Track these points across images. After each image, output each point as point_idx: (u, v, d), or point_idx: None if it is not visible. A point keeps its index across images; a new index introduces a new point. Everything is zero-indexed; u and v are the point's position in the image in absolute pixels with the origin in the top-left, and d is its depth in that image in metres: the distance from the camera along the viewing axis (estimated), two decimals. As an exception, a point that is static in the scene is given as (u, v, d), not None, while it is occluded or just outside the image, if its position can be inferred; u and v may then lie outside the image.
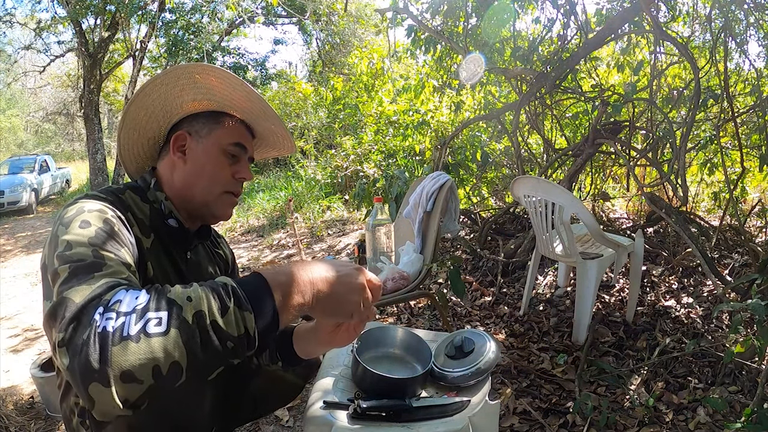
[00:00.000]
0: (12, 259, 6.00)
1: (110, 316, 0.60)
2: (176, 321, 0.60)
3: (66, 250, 0.73)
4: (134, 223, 0.89)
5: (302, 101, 8.67)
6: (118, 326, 0.59)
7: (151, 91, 0.95)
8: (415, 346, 1.20)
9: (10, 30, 12.20)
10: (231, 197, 1.01)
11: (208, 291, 0.65)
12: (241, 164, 1.02)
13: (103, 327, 0.59)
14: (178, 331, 0.60)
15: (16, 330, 3.34)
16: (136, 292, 0.64)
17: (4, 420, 2.10)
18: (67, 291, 0.65)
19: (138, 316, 0.60)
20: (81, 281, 0.67)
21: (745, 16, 3.06)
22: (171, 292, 0.64)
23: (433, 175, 2.28)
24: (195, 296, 0.63)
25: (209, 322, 0.62)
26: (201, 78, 0.94)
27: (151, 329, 0.59)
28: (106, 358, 0.57)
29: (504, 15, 3.30)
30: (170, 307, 0.62)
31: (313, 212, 5.95)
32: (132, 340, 0.58)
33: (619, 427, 1.75)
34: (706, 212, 4.24)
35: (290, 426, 1.93)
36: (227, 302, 0.64)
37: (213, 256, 1.13)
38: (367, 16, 10.66)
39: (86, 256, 0.72)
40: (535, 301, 2.82)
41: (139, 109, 0.97)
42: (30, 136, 22.65)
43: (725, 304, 1.75)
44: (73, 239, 0.74)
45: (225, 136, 0.99)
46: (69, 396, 0.90)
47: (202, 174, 0.98)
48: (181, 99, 0.97)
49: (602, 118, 3.15)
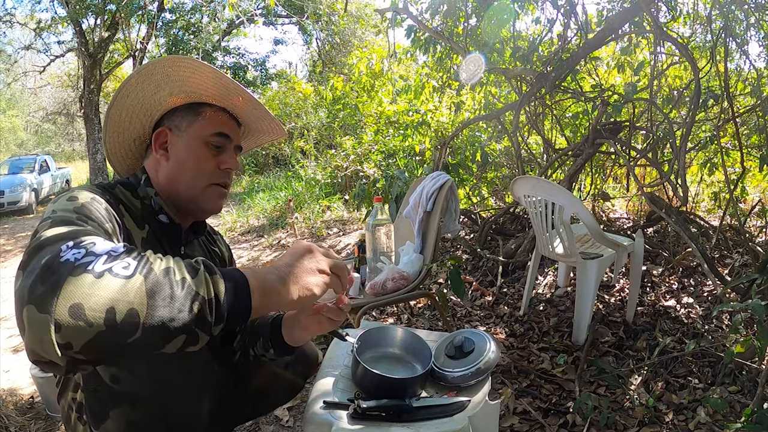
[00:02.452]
0: (12, 259, 6.00)
1: (78, 252, 0.57)
2: (144, 269, 0.58)
3: (50, 215, 0.72)
4: (125, 214, 0.88)
5: (302, 101, 8.68)
6: (82, 260, 0.55)
7: (128, 92, 0.94)
8: (415, 346, 1.20)
9: (10, 30, 12.19)
10: (218, 189, 0.99)
11: (179, 260, 0.63)
12: (226, 154, 0.99)
13: (65, 258, 0.55)
14: (144, 278, 0.57)
15: (16, 330, 3.34)
16: (112, 243, 0.61)
17: (4, 420, 2.10)
18: (43, 232, 0.63)
19: (107, 258, 0.57)
20: (58, 227, 0.64)
21: (745, 16, 3.05)
22: (145, 252, 0.62)
23: (433, 175, 2.28)
24: (166, 260, 0.62)
25: (179, 278, 0.59)
26: (173, 71, 0.92)
27: (117, 270, 0.56)
28: (56, 282, 0.53)
29: (504, 15, 3.29)
30: (141, 258, 0.60)
31: (313, 212, 5.95)
32: (92, 274, 0.54)
33: (619, 427, 1.75)
34: (706, 212, 4.24)
35: (290, 426, 1.93)
36: (198, 267, 0.63)
37: (208, 253, 1.12)
38: (367, 16, 10.66)
39: (69, 218, 0.70)
40: (535, 301, 2.82)
41: (120, 111, 0.97)
42: (30, 136, 22.66)
43: (725, 304, 1.75)
44: (58, 208, 0.73)
45: (205, 127, 0.97)
46: (66, 392, 0.90)
47: (184, 169, 0.96)
48: (158, 95, 0.96)
49: (602, 118, 3.15)
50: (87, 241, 0.59)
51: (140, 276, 0.56)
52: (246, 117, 1.06)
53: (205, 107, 0.98)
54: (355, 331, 1.18)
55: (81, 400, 0.88)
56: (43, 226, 0.67)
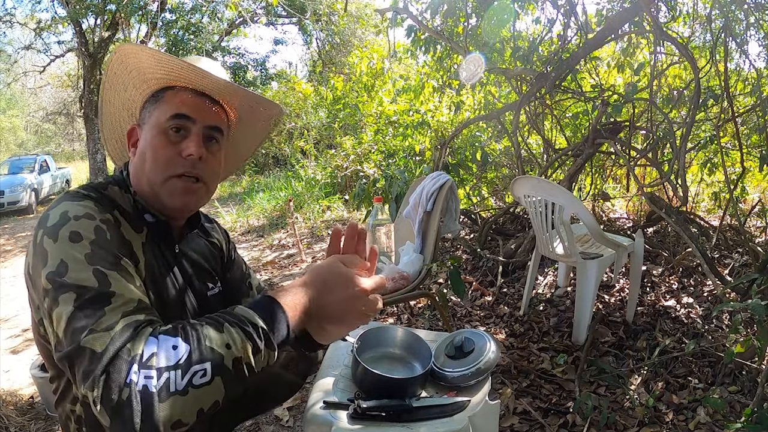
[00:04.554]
0: (12, 259, 6.00)
1: (149, 374, 0.59)
2: (219, 369, 0.63)
3: (61, 270, 0.68)
4: (122, 221, 0.83)
5: (302, 101, 8.68)
6: (163, 384, 0.59)
7: (109, 98, 0.89)
8: (415, 346, 1.20)
9: (10, 30, 12.21)
10: (180, 181, 0.86)
11: (242, 335, 0.66)
12: (189, 139, 0.85)
13: (143, 386, 0.59)
14: (221, 378, 0.63)
15: (16, 330, 3.34)
16: (168, 339, 0.63)
17: (4, 420, 2.10)
18: (84, 336, 0.63)
19: (183, 371, 0.61)
20: (93, 320, 0.64)
21: (745, 16, 3.05)
22: (208, 338, 0.64)
23: (433, 175, 2.28)
24: (232, 342, 0.65)
25: (245, 364, 0.65)
26: (130, 62, 0.85)
27: (197, 381, 0.61)
28: (153, 417, 0.58)
29: (504, 15, 3.30)
30: (213, 356, 0.63)
31: (313, 212, 5.95)
32: (179, 393, 0.59)
33: (619, 427, 1.75)
34: (706, 212, 4.25)
35: (290, 426, 1.93)
36: (259, 344, 0.67)
37: (206, 245, 1.08)
38: (367, 16, 10.66)
39: (89, 283, 0.67)
40: (535, 301, 2.82)
41: (107, 120, 0.92)
42: (30, 136, 22.68)
43: (725, 304, 1.75)
44: (67, 257, 0.69)
45: (162, 112, 0.86)
46: (65, 402, 0.88)
47: (143, 162, 0.86)
48: (128, 93, 0.89)
49: (602, 118, 3.15)
50: (147, 355, 0.61)
51: (218, 378, 0.62)
52: (226, 97, 0.92)
53: (167, 90, 0.87)
54: (355, 331, 1.18)
55: (81, 413, 0.86)
56: (65, 301, 0.65)
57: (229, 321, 0.67)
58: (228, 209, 7.16)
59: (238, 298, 1.14)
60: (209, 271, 1.06)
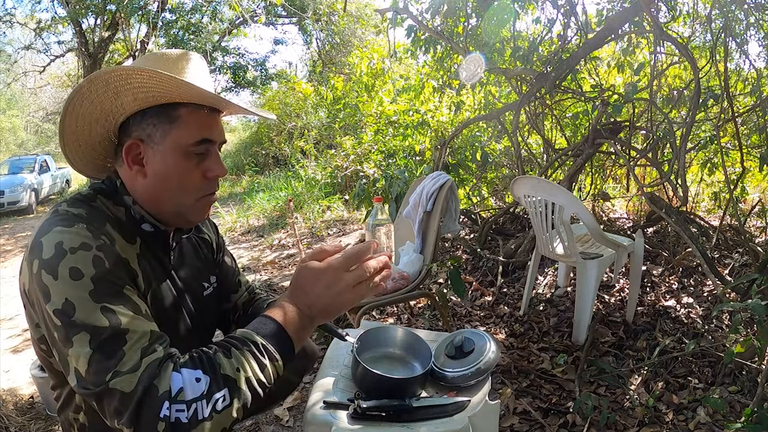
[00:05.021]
0: (12, 259, 6.00)
1: (180, 408, 0.67)
2: (236, 392, 0.71)
3: (68, 310, 0.71)
4: (116, 235, 0.82)
5: (302, 101, 8.68)
6: (192, 414, 0.67)
7: (80, 100, 0.83)
8: (415, 346, 1.20)
9: (10, 30, 12.21)
10: (207, 199, 0.92)
11: (247, 355, 0.74)
12: (211, 159, 0.89)
13: (176, 418, 0.66)
14: (237, 399, 0.71)
15: (16, 330, 3.34)
16: (191, 372, 0.70)
17: (4, 420, 2.10)
18: (110, 379, 0.67)
19: (207, 400, 0.69)
20: (115, 361, 0.69)
21: (745, 16, 3.05)
22: (221, 365, 0.71)
23: (433, 175, 2.28)
24: (240, 364, 0.72)
25: (255, 381, 0.73)
26: (135, 79, 0.81)
27: (219, 406, 0.69)
28: None
29: (504, 15, 3.29)
30: (228, 382, 0.71)
31: (313, 212, 5.95)
32: (206, 420, 0.68)
33: (619, 427, 1.75)
34: (706, 212, 4.24)
35: (290, 426, 1.93)
36: (263, 360, 0.75)
37: (197, 244, 1.08)
38: (367, 16, 10.66)
39: (100, 323, 0.70)
40: (535, 301, 2.82)
41: (74, 120, 0.86)
42: (30, 136, 22.66)
43: (725, 304, 1.75)
44: (72, 296, 0.71)
45: (183, 135, 0.85)
46: (68, 410, 0.89)
47: (167, 186, 0.87)
48: (119, 101, 0.84)
49: (602, 118, 3.15)
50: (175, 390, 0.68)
51: (236, 400, 0.71)
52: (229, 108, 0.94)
53: (180, 108, 0.86)
54: (355, 331, 1.18)
55: (84, 422, 0.87)
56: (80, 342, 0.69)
57: (235, 345, 0.74)
58: (228, 209, 7.16)
59: (228, 294, 1.16)
60: (203, 269, 1.07)
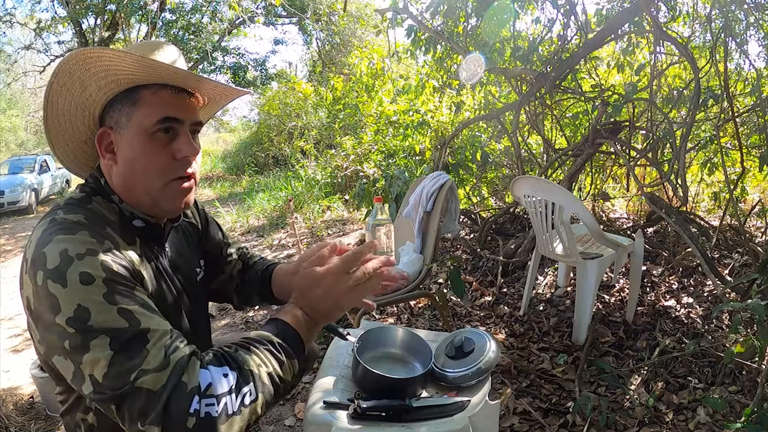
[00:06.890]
0: (12, 259, 6.00)
1: (210, 402, 0.68)
2: (261, 386, 0.73)
3: (83, 315, 0.68)
4: (117, 239, 0.81)
5: (302, 101, 8.68)
6: (222, 409, 0.68)
7: (55, 98, 0.82)
8: (415, 346, 1.20)
9: (10, 30, 12.22)
10: (179, 184, 0.87)
11: (266, 352, 0.76)
12: (180, 139, 0.85)
13: (206, 413, 0.67)
14: (263, 394, 0.73)
15: (16, 330, 3.34)
16: (218, 369, 0.71)
17: (4, 420, 2.10)
18: (136, 378, 0.66)
19: (236, 394, 0.70)
20: (139, 360, 0.68)
21: (745, 16, 3.05)
22: (245, 361, 0.74)
23: (433, 175, 2.28)
24: (261, 361, 0.75)
25: (277, 377, 0.76)
26: (93, 63, 0.79)
27: (247, 400, 0.71)
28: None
29: (504, 15, 3.29)
30: (253, 377, 0.73)
31: (313, 212, 5.95)
32: (236, 414, 0.69)
33: (619, 427, 1.75)
34: (706, 212, 4.24)
35: (290, 426, 1.93)
36: (281, 357, 0.78)
37: (186, 231, 1.07)
38: (367, 16, 10.66)
39: (118, 324, 0.69)
40: (535, 301, 2.82)
41: (55, 119, 0.86)
42: (30, 136, 22.64)
43: (725, 304, 1.75)
44: (85, 301, 0.69)
45: (145, 116, 0.82)
46: (75, 411, 0.88)
47: (136, 170, 0.84)
48: (87, 93, 0.83)
49: (602, 118, 3.15)
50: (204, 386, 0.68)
51: (261, 394, 0.73)
52: (197, 85, 0.89)
53: (142, 90, 0.82)
54: (355, 331, 1.18)
55: (93, 422, 0.86)
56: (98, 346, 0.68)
57: (253, 344, 0.77)
58: (228, 209, 7.16)
59: (221, 269, 1.19)
60: (194, 254, 1.08)
